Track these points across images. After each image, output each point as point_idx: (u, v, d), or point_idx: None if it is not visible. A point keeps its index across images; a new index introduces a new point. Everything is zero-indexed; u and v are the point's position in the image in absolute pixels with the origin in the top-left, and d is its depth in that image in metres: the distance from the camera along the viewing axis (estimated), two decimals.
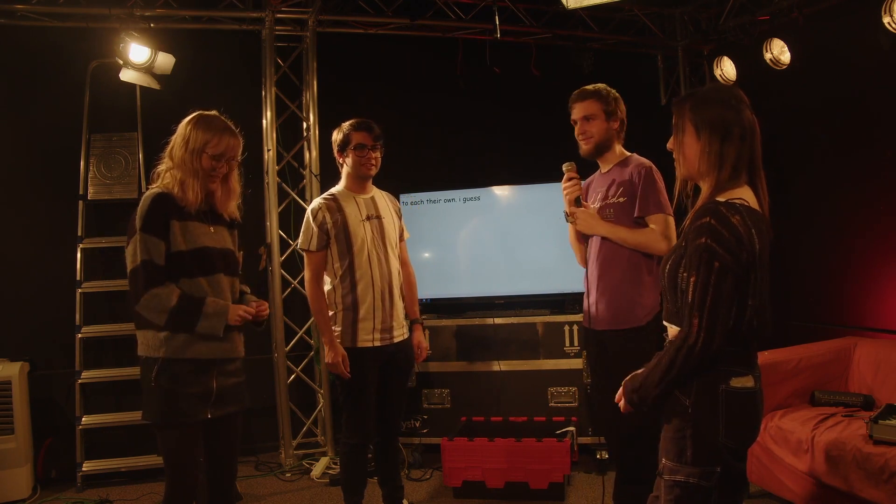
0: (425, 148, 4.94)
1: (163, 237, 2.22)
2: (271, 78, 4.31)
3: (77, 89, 4.13)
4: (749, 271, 1.71)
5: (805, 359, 3.46)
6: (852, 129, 4.05)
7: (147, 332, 2.26)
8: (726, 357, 1.74)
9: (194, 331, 2.23)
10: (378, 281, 2.99)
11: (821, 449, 2.88)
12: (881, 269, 3.88)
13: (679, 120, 1.86)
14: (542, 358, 4.10)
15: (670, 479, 1.76)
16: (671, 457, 1.77)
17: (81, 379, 3.99)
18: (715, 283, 1.67)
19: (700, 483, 1.72)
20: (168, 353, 2.23)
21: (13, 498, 3.70)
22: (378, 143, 3.04)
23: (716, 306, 1.68)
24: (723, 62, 4.71)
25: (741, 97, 1.83)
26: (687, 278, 1.72)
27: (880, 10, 3.56)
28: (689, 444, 1.74)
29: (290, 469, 4.21)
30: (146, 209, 2.23)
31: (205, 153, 2.31)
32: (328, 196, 3.09)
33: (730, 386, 1.73)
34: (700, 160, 1.82)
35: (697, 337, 1.68)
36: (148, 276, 2.19)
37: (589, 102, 2.76)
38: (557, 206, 4.22)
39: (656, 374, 1.77)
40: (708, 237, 1.69)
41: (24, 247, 4.17)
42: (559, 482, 3.52)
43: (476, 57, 4.70)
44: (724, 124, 1.78)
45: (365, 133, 3.01)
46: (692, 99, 1.85)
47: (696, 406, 1.73)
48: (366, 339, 2.98)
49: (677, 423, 1.77)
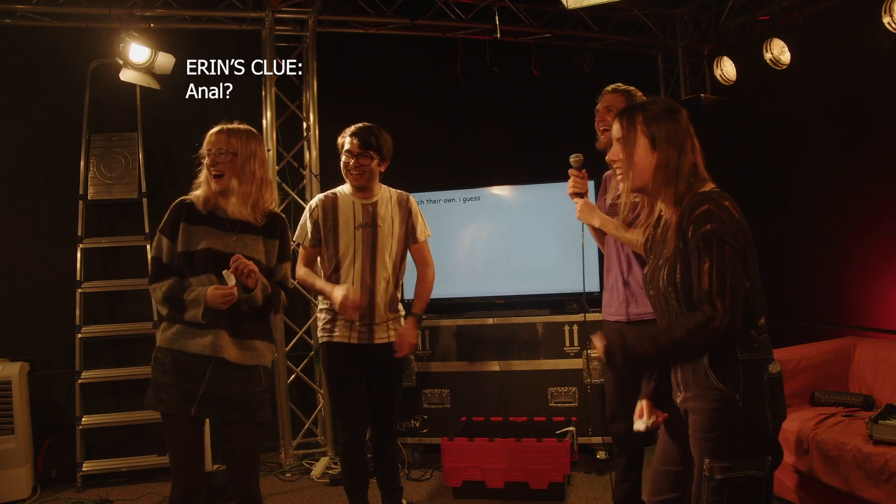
0: (425, 148, 4.94)
1: (172, 238, 2.37)
2: (271, 78, 4.31)
3: (77, 89, 4.13)
4: (746, 252, 1.74)
5: (805, 359, 3.46)
6: (852, 129, 4.05)
7: (162, 324, 2.45)
8: (761, 345, 1.78)
9: (184, 320, 2.32)
10: (358, 289, 2.92)
11: (821, 449, 2.88)
12: (881, 269, 3.88)
13: (629, 132, 1.88)
14: (542, 358, 4.10)
15: (722, 478, 1.73)
16: (722, 455, 1.74)
17: (81, 379, 3.99)
18: (730, 265, 1.69)
19: (758, 474, 1.73)
20: (160, 343, 2.40)
21: (13, 498, 3.70)
22: (367, 152, 2.94)
23: (735, 288, 1.69)
24: (723, 62, 4.71)
25: (683, 109, 1.89)
26: (699, 266, 1.72)
27: (880, 10, 3.56)
28: (741, 437, 1.74)
29: (290, 469, 4.21)
30: (167, 213, 2.42)
31: (206, 153, 2.39)
32: (330, 194, 3.08)
33: (770, 373, 1.77)
34: (657, 173, 1.84)
35: (722, 320, 1.68)
36: (152, 271, 2.43)
37: (615, 96, 2.80)
38: (557, 206, 4.26)
39: (658, 346, 1.75)
40: (713, 223, 1.71)
41: (25, 247, 4.18)
42: (559, 482, 3.52)
43: (476, 57, 4.70)
44: (678, 138, 1.83)
45: (354, 139, 2.95)
46: (643, 112, 1.87)
47: (745, 397, 1.74)
48: (342, 334, 2.97)
49: (727, 420, 1.75)
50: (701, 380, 1.80)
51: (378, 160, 3.00)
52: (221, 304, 2.27)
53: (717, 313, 1.68)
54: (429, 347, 4.18)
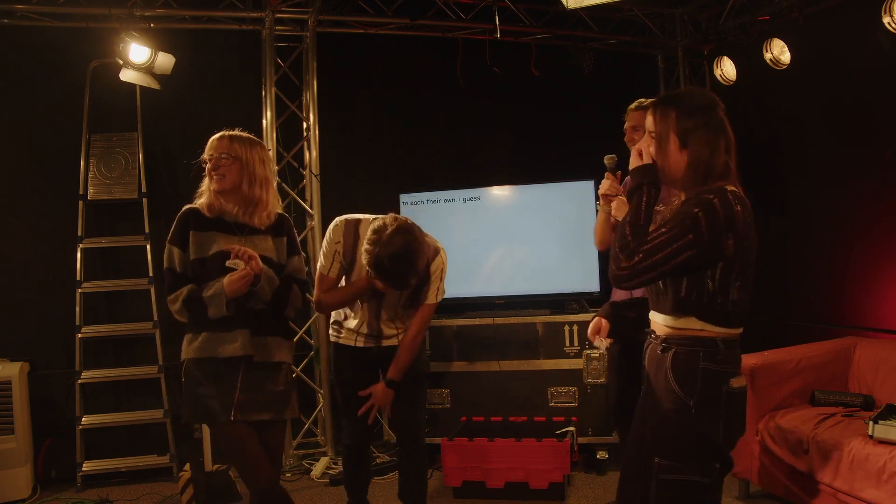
0: (425, 148, 4.94)
1: (182, 247, 2.35)
2: (271, 78, 4.30)
3: (77, 89, 4.12)
4: (734, 258, 1.74)
5: (805, 359, 3.46)
6: (852, 129, 4.04)
7: (185, 336, 2.41)
8: (727, 358, 1.78)
9: (209, 318, 2.28)
10: (368, 313, 2.88)
11: (821, 449, 2.88)
12: (881, 269, 3.88)
13: (661, 127, 1.83)
14: (542, 358, 4.10)
15: (668, 478, 1.77)
16: (669, 455, 1.78)
17: (81, 379, 3.99)
18: (676, 247, 1.70)
19: (702, 480, 1.75)
20: (188, 356, 2.36)
21: (13, 498, 3.70)
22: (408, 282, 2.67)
23: (659, 264, 1.72)
24: (723, 62, 4.71)
25: (720, 105, 1.84)
26: (661, 224, 1.75)
27: (880, 10, 3.55)
28: (690, 442, 1.76)
29: (290, 469, 4.20)
30: (175, 223, 2.40)
31: (208, 157, 2.39)
32: (353, 225, 2.82)
33: (730, 387, 1.77)
34: (687, 171, 1.82)
35: (627, 269, 1.74)
36: (168, 283, 2.37)
37: (639, 114, 2.80)
38: (557, 206, 4.26)
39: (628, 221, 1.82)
40: (702, 211, 1.70)
41: (24, 247, 4.17)
42: (559, 482, 3.52)
43: (476, 57, 4.70)
44: (712, 137, 1.79)
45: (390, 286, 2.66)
46: (677, 107, 1.81)
47: (699, 406, 1.75)
48: (348, 338, 2.96)
49: (678, 422, 1.78)
50: (661, 379, 1.83)
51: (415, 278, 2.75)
52: (241, 287, 2.24)
53: (629, 262, 1.74)
54: (429, 347, 4.18)
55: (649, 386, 1.91)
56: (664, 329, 1.86)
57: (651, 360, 1.91)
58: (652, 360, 1.90)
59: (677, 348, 1.81)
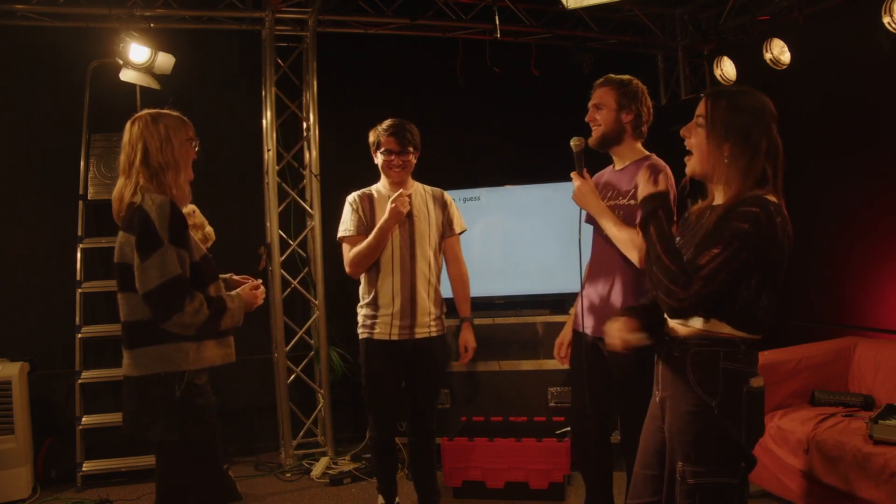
0: (425, 148, 4.88)
1: (187, 248, 2.07)
2: (271, 78, 4.30)
3: (77, 89, 4.12)
4: (776, 270, 1.75)
5: (805, 359, 3.46)
6: (852, 129, 4.04)
7: (166, 346, 2.08)
8: (747, 358, 1.77)
9: (220, 330, 2.12)
10: (399, 282, 3.00)
11: (821, 449, 2.88)
12: (881, 269, 3.88)
13: (708, 118, 1.82)
14: (542, 358, 4.10)
15: (694, 482, 1.74)
16: (694, 460, 1.75)
17: (81, 379, 3.99)
18: (732, 269, 1.69)
19: (731, 481, 1.74)
20: (196, 366, 2.10)
21: (13, 498, 3.70)
22: (408, 148, 3.04)
23: (719, 290, 1.69)
24: (723, 62, 4.71)
25: (773, 110, 1.83)
26: (709, 246, 1.71)
27: (880, 10, 3.56)
28: (714, 444, 1.74)
29: (290, 469, 4.21)
30: (169, 219, 2.01)
31: (189, 141, 2.25)
32: (367, 191, 3.14)
33: (751, 387, 1.76)
34: (722, 167, 1.80)
35: (682, 301, 1.70)
36: (178, 293, 2.01)
37: (604, 90, 2.68)
38: (557, 206, 4.24)
39: (655, 249, 1.78)
40: (751, 226, 1.68)
41: (24, 247, 4.17)
42: (559, 482, 3.52)
43: (476, 57, 4.70)
44: (755, 140, 1.78)
45: (393, 139, 3.02)
46: (727, 101, 1.81)
47: (721, 406, 1.74)
48: (382, 331, 3.01)
49: (701, 424, 1.75)
50: (680, 381, 1.80)
51: (415, 154, 3.10)
52: (258, 300, 2.23)
53: (687, 293, 1.69)
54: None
55: (666, 390, 1.87)
56: (685, 330, 1.83)
57: (667, 362, 1.87)
58: (668, 362, 1.87)
59: (697, 349, 1.79)
